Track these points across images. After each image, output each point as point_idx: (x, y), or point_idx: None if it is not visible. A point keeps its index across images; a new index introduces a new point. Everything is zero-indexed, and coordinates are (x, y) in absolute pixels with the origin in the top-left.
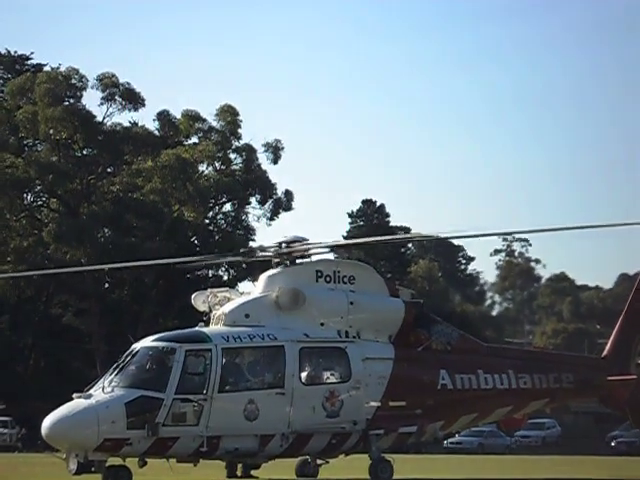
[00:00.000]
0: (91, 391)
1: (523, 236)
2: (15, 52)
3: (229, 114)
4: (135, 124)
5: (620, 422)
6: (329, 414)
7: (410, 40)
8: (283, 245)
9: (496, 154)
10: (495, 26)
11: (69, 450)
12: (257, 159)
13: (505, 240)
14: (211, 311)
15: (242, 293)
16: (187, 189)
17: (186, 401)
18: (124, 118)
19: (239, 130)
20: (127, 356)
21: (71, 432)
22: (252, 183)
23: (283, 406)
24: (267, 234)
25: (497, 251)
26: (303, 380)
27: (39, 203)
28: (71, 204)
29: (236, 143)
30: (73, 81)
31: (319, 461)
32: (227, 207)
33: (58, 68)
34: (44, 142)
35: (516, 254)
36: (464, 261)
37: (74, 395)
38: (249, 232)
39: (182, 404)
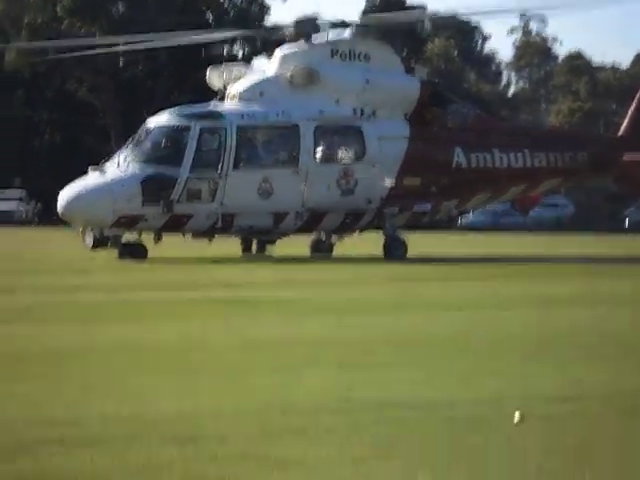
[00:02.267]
0: (106, 167)
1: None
2: None
3: None
4: None
5: (634, 201)
6: (343, 192)
7: None
8: (298, 22)
9: None
10: None
11: (85, 226)
12: None
13: (522, 16)
14: (225, 88)
15: (257, 70)
16: None
17: (201, 178)
18: None
19: None
20: (142, 132)
21: (87, 208)
22: None
23: (297, 184)
24: (282, 11)
25: (514, 29)
26: (318, 158)
27: None
28: None
29: None
30: None
31: (333, 238)
32: None
33: None
34: None
35: (533, 33)
36: (480, 41)
37: (89, 170)
38: (264, 9)
39: (197, 181)
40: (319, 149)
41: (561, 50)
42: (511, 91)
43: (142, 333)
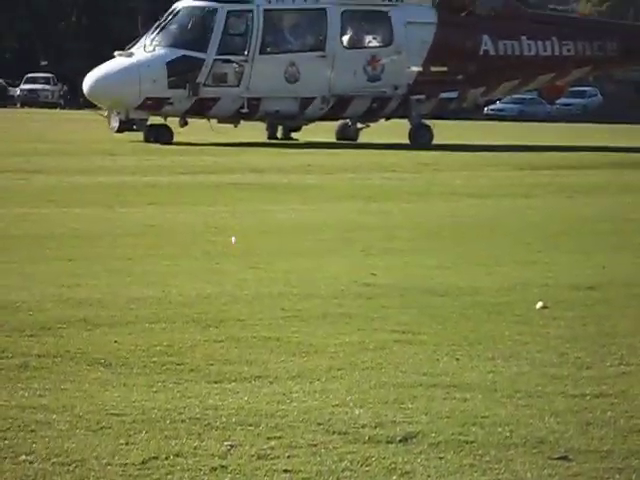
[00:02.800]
0: (132, 50)
1: None
2: None
3: None
4: None
5: None
6: (370, 78)
7: None
8: None
9: None
10: None
11: (110, 108)
12: None
13: None
14: None
15: None
16: None
17: (227, 62)
18: None
19: None
20: (169, 15)
21: (113, 90)
22: None
23: (324, 69)
24: None
25: None
26: (345, 43)
27: None
28: None
29: None
30: None
31: (359, 124)
32: None
33: None
34: None
35: None
36: None
37: (115, 53)
38: None
39: (223, 65)
40: (346, 34)
41: None
42: None
43: (166, 216)
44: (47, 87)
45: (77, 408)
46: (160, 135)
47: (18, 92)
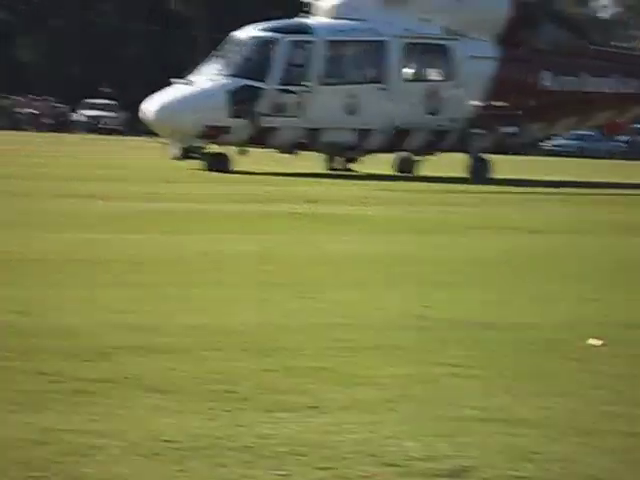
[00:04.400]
0: (193, 78)
1: None
2: None
3: None
4: None
5: None
6: (429, 111)
7: None
8: None
9: None
10: None
11: (171, 136)
12: None
13: None
14: (315, 1)
15: None
16: None
17: (287, 92)
18: None
19: None
20: (230, 45)
21: (173, 118)
22: None
23: (384, 101)
24: None
25: None
26: (405, 76)
27: None
28: None
29: None
30: None
31: (418, 157)
32: None
33: None
34: None
35: None
36: None
37: (175, 81)
38: None
39: (284, 95)
40: (407, 67)
41: None
42: (605, 14)
43: (221, 244)
44: (109, 114)
45: (130, 434)
46: (219, 164)
47: (80, 118)
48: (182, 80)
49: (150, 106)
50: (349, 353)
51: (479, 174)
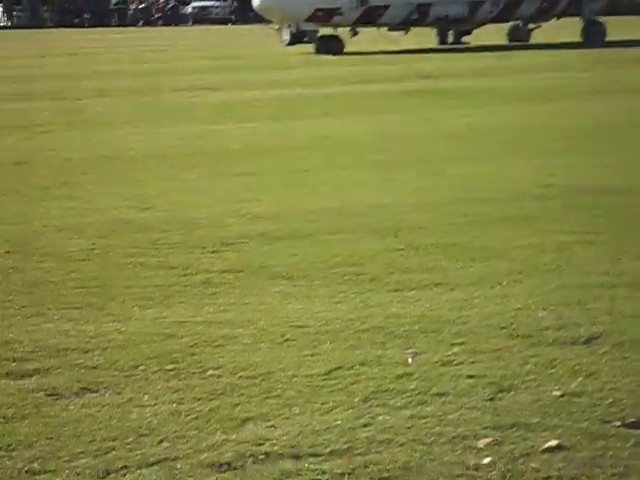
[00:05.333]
0: None
1: None
2: None
3: None
4: None
5: None
6: None
7: None
8: None
9: None
10: None
11: (281, 21)
12: None
13: None
14: None
15: None
16: None
17: None
18: None
19: None
20: None
21: (283, 3)
22: None
23: None
24: None
25: None
26: None
27: None
28: None
29: None
30: None
31: (530, 25)
32: None
33: None
34: None
35: None
36: None
37: None
38: None
39: None
40: None
41: None
42: None
43: (340, 127)
44: (218, 3)
45: (261, 322)
46: (331, 46)
47: (190, 10)
48: None
49: None
50: (477, 227)
51: (594, 37)
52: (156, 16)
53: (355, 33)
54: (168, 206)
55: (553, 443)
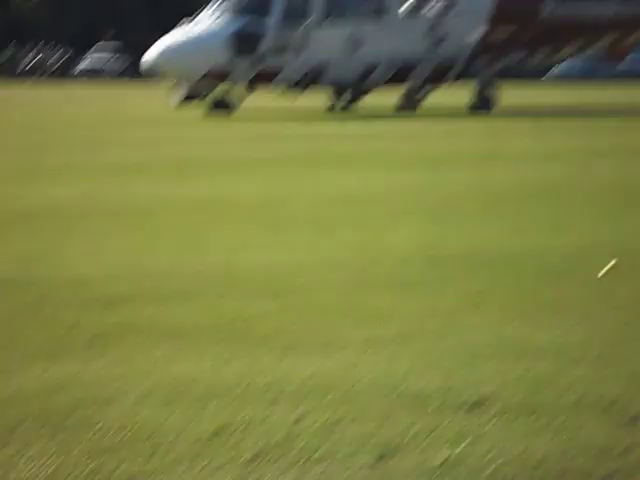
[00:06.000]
0: (196, 21)
1: None
2: None
3: None
4: None
5: None
6: (434, 43)
7: None
8: None
9: None
10: None
11: (175, 79)
12: None
13: None
14: None
15: None
16: None
17: (290, 31)
18: None
19: None
20: None
21: (177, 62)
22: None
23: (388, 35)
24: None
25: None
26: (408, 9)
27: None
28: None
29: None
30: None
31: (423, 90)
32: None
33: None
34: None
35: None
36: None
37: (179, 24)
38: None
39: (286, 33)
40: (409, 0)
41: None
42: None
43: (234, 187)
44: (112, 59)
45: (147, 380)
46: (223, 106)
47: (82, 65)
48: (186, 23)
49: (154, 50)
50: (366, 289)
51: (485, 103)
52: (49, 70)
53: (249, 92)
54: (58, 262)
55: None
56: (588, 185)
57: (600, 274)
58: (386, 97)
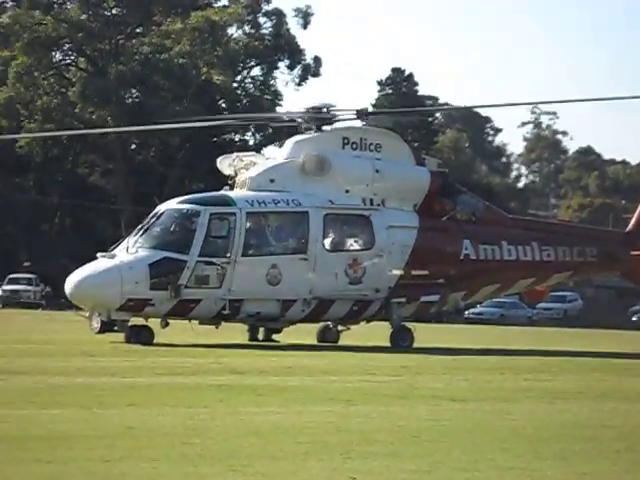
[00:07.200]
0: (115, 251)
1: (550, 108)
2: None
3: None
4: None
5: None
6: (351, 281)
7: None
8: (310, 111)
9: (526, 21)
10: None
11: (92, 309)
12: (287, 24)
13: (533, 112)
14: (236, 175)
15: (268, 158)
16: (216, 52)
17: (209, 264)
18: None
19: None
20: (152, 218)
21: (95, 291)
22: (281, 48)
23: (306, 272)
24: (295, 100)
25: (524, 123)
26: (326, 246)
27: (67, 62)
28: (99, 64)
29: (266, 7)
30: None
31: (340, 327)
32: (256, 71)
33: None
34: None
35: (543, 126)
36: (491, 132)
37: (98, 255)
38: (277, 97)
39: (205, 267)
40: (328, 237)
41: (571, 144)
42: (521, 184)
43: (145, 418)
44: (29, 288)
45: None
46: (141, 336)
47: (0, 292)
48: (105, 253)
49: (72, 280)
50: None
51: (402, 342)
52: None
53: (166, 324)
54: None
55: None
56: (498, 427)
57: None
58: (304, 333)
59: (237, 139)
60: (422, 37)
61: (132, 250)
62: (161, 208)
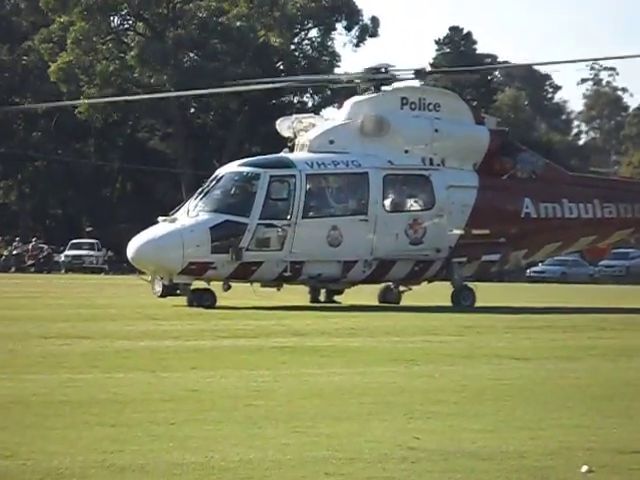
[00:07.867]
0: (176, 215)
1: (611, 64)
2: None
3: None
4: None
5: None
6: (412, 241)
7: None
8: (368, 71)
9: None
10: None
11: (154, 273)
12: None
13: (593, 69)
14: (295, 137)
15: (326, 120)
16: (273, 14)
17: (270, 226)
18: None
19: None
20: (212, 181)
21: (156, 255)
22: (338, 9)
23: (366, 233)
24: (353, 61)
25: (584, 80)
26: (386, 207)
27: (125, 26)
28: (157, 28)
29: None
30: None
31: (402, 288)
32: (313, 33)
33: None
34: None
35: (603, 83)
36: (551, 90)
37: (159, 219)
38: (335, 58)
39: (266, 229)
40: (388, 198)
41: (632, 101)
42: (581, 141)
43: (208, 381)
44: (91, 253)
45: None
46: (203, 299)
47: (63, 258)
48: (166, 217)
49: (134, 244)
50: None
51: (463, 302)
52: (28, 263)
53: (228, 287)
54: (30, 455)
55: None
56: (562, 386)
57: (583, 469)
58: (366, 293)
59: (296, 101)
60: None
61: (193, 214)
62: (221, 171)
